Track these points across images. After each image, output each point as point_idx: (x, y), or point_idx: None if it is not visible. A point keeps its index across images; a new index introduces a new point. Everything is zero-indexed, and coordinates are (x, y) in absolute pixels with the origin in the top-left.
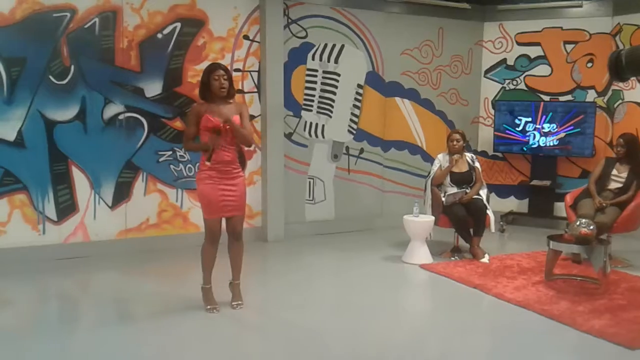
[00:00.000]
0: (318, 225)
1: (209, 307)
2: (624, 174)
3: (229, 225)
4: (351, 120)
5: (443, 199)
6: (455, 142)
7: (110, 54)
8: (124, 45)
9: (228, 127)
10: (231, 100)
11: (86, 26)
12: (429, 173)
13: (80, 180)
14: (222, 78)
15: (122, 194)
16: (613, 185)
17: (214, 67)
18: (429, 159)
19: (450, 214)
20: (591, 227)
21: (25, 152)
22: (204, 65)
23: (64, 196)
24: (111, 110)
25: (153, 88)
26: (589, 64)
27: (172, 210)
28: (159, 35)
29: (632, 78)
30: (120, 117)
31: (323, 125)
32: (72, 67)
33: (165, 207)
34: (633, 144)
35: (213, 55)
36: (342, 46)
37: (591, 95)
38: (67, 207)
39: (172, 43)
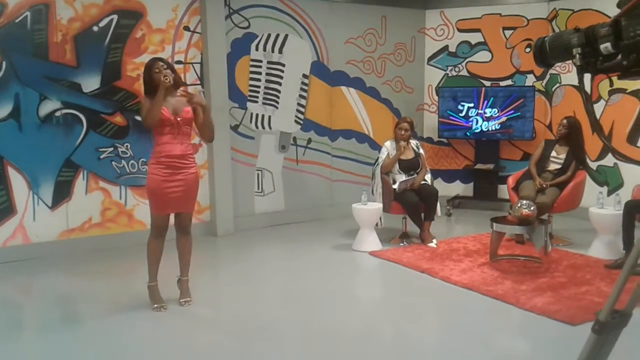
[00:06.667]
0: (268, 217)
1: (155, 305)
2: (563, 156)
3: (176, 221)
4: (298, 110)
5: (395, 186)
6: (404, 131)
7: (43, 48)
8: (58, 40)
9: (179, 119)
10: (180, 92)
11: (17, 20)
12: (377, 161)
13: (17, 181)
14: (162, 68)
15: (62, 193)
16: (552, 167)
17: (152, 62)
18: (376, 147)
19: (402, 201)
20: (532, 208)
21: None
22: (144, 57)
23: (1, 198)
24: (47, 107)
25: (91, 83)
26: (527, 49)
27: (116, 208)
28: (95, 28)
29: (557, 64)
30: (57, 114)
31: (269, 117)
32: (4, 64)
33: (108, 205)
34: (575, 128)
35: (153, 47)
36: (286, 36)
37: (530, 80)
38: (4, 210)
39: (109, 36)
